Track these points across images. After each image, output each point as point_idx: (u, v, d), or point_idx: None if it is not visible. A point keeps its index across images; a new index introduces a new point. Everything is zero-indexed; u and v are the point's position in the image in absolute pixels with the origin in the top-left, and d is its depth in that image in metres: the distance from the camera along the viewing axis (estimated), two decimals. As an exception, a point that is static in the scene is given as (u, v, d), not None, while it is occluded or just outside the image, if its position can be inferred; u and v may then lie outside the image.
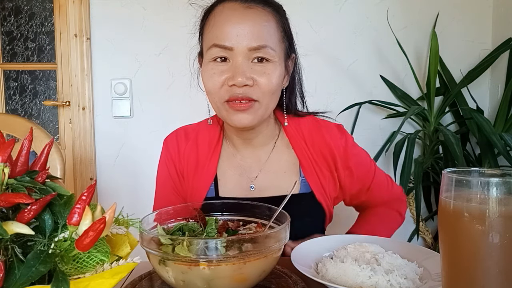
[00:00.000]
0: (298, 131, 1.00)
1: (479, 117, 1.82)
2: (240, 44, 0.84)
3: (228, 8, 0.87)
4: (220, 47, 0.85)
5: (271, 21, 0.88)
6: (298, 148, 0.99)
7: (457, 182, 0.51)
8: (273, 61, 0.87)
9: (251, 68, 0.85)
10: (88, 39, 2.16)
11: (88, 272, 0.52)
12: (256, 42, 0.84)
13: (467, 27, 2.23)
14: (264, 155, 1.00)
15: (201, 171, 0.99)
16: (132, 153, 2.21)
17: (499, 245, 0.48)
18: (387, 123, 2.23)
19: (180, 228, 0.72)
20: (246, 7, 0.86)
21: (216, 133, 1.02)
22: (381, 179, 1.05)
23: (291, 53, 0.96)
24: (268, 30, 0.86)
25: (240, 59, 0.84)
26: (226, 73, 0.86)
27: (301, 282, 0.70)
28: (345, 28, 2.21)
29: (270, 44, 0.86)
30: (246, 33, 0.84)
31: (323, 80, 2.23)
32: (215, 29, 0.86)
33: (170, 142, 1.05)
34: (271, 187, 0.97)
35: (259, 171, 0.99)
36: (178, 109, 2.17)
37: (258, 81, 0.85)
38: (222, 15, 0.86)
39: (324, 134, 0.99)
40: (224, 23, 0.85)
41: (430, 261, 0.73)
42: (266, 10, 0.88)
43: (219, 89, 0.87)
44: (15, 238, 0.49)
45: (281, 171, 0.99)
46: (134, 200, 2.15)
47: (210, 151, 1.00)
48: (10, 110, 2.31)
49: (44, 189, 0.54)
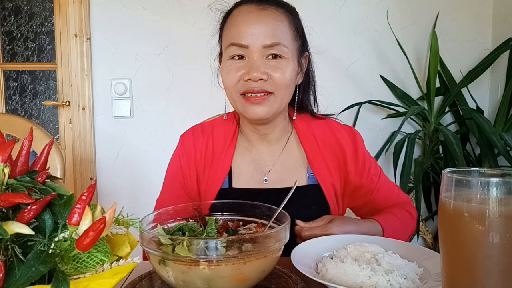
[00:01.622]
0: (309, 130, 1.05)
1: (479, 117, 1.83)
2: (255, 42, 0.90)
3: (244, 10, 0.94)
4: (236, 45, 0.92)
5: (284, 21, 0.94)
6: (308, 145, 1.04)
7: (457, 182, 0.51)
8: (286, 57, 0.93)
9: (265, 63, 0.91)
10: (88, 39, 2.16)
11: (88, 272, 0.52)
12: (270, 40, 0.91)
13: (467, 27, 2.23)
14: (278, 150, 1.05)
15: (216, 164, 1.03)
16: (132, 153, 2.21)
17: (499, 245, 0.48)
18: (387, 123, 2.23)
19: (180, 228, 0.72)
20: (260, 9, 0.93)
21: (232, 128, 1.06)
22: (388, 182, 1.09)
23: (304, 51, 1.02)
24: (281, 29, 0.93)
25: (255, 56, 0.91)
26: (243, 69, 0.92)
27: (301, 282, 0.70)
28: (345, 28, 2.21)
29: (283, 42, 0.92)
30: (261, 32, 0.91)
31: (323, 80, 2.21)
32: (232, 29, 0.94)
33: (186, 137, 1.09)
34: (283, 180, 1.01)
35: (272, 165, 1.03)
36: (178, 109, 2.17)
37: (272, 75, 0.91)
38: (239, 16, 0.94)
39: (335, 133, 1.05)
40: (241, 24, 0.93)
41: (430, 261, 0.72)
42: (279, 11, 0.94)
43: (236, 84, 0.93)
44: (15, 238, 0.49)
45: (292, 167, 1.03)
46: (134, 200, 2.15)
47: (226, 144, 1.04)
48: (10, 110, 2.31)
49: (44, 189, 0.54)
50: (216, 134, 1.06)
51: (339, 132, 1.05)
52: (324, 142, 1.04)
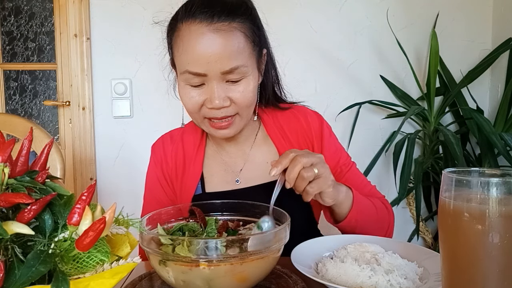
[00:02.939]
0: (276, 122, 1.03)
1: (479, 117, 1.82)
2: (213, 70, 0.84)
3: (195, 31, 0.85)
4: (193, 74, 0.86)
5: (239, 37, 0.86)
6: (276, 137, 1.02)
7: (457, 182, 0.51)
8: (246, 76, 0.88)
9: (226, 88, 0.87)
10: (88, 39, 2.16)
11: (88, 272, 0.52)
12: (228, 65, 0.84)
13: (467, 27, 2.23)
14: (247, 149, 1.04)
15: (187, 171, 1.02)
16: (132, 153, 2.21)
17: (499, 245, 0.48)
18: (387, 123, 2.23)
19: (180, 228, 0.72)
20: (213, 30, 0.84)
21: (199, 133, 1.05)
22: (361, 177, 1.04)
23: (263, 49, 0.95)
24: (238, 48, 0.86)
25: (214, 83, 0.86)
26: (204, 95, 0.88)
27: (301, 282, 0.70)
28: (345, 28, 2.21)
29: (242, 63, 0.86)
30: (217, 58, 0.84)
31: (323, 80, 2.23)
32: (185, 54, 0.86)
33: (156, 147, 1.08)
34: (255, 178, 0.99)
35: (243, 164, 1.02)
36: (178, 109, 2.16)
37: (234, 98, 0.88)
38: (191, 40, 0.85)
39: (301, 120, 1.03)
40: (194, 50, 0.85)
41: (430, 261, 0.72)
42: (233, 25, 0.85)
43: (198, 110, 0.91)
44: (15, 238, 0.49)
45: (263, 162, 1.02)
46: (134, 200, 2.13)
47: (195, 150, 1.03)
48: (10, 110, 2.31)
49: (44, 189, 0.54)
50: (185, 140, 1.05)
51: (305, 117, 1.03)
52: (292, 131, 1.02)
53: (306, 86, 2.20)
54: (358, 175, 1.04)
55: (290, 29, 2.17)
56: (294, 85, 1.13)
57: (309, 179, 0.77)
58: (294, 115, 1.04)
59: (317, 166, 0.79)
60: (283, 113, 1.05)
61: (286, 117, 1.04)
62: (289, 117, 1.04)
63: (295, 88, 1.12)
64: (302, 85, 2.18)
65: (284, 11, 2.16)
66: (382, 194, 1.05)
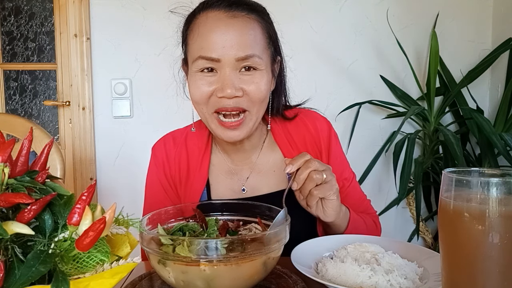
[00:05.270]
0: (284, 130, 1.01)
1: (479, 117, 1.82)
2: (227, 55, 0.83)
3: (212, 17, 0.85)
4: (206, 59, 0.84)
5: (256, 28, 0.86)
6: (284, 145, 1.00)
7: (457, 182, 0.51)
8: (260, 69, 0.86)
9: (239, 78, 0.85)
10: (88, 39, 2.16)
11: (88, 272, 0.52)
12: (243, 52, 0.83)
13: (467, 27, 2.23)
14: (254, 157, 1.01)
15: (193, 177, 0.99)
16: (132, 153, 2.21)
17: (499, 245, 0.48)
18: (387, 123, 2.23)
19: (180, 228, 0.72)
20: (230, 16, 0.84)
21: (204, 138, 1.02)
22: (360, 192, 1.05)
23: (277, 56, 0.95)
24: (254, 38, 0.85)
25: (228, 70, 0.83)
26: (215, 84, 0.85)
27: (301, 282, 0.70)
28: (345, 28, 2.21)
29: (257, 53, 0.85)
30: (233, 43, 0.82)
31: (323, 80, 2.23)
32: (200, 40, 0.85)
33: (158, 149, 1.04)
34: (262, 187, 0.98)
35: (249, 173, 1.00)
36: (178, 109, 2.17)
37: (247, 90, 0.85)
38: (207, 25, 0.84)
39: (309, 127, 1.01)
40: (209, 34, 0.83)
41: (430, 261, 0.72)
42: (251, 17, 0.86)
43: (207, 100, 0.87)
44: (15, 238, 0.49)
45: (270, 171, 1.00)
46: (134, 200, 2.14)
47: (200, 156, 1.00)
48: (10, 110, 2.31)
49: (44, 189, 0.54)
50: (189, 144, 1.01)
51: (314, 124, 1.01)
52: (300, 138, 1.00)
53: (306, 86, 2.20)
54: (358, 190, 1.04)
55: (290, 29, 2.17)
56: (294, 85, 1.13)
57: (317, 181, 0.79)
58: (303, 121, 1.02)
59: (326, 172, 0.80)
60: (291, 123, 1.02)
61: (294, 124, 1.02)
62: (297, 123, 1.02)
63: (295, 88, 1.12)
64: (302, 85, 2.18)
65: (284, 11, 2.16)
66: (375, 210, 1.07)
